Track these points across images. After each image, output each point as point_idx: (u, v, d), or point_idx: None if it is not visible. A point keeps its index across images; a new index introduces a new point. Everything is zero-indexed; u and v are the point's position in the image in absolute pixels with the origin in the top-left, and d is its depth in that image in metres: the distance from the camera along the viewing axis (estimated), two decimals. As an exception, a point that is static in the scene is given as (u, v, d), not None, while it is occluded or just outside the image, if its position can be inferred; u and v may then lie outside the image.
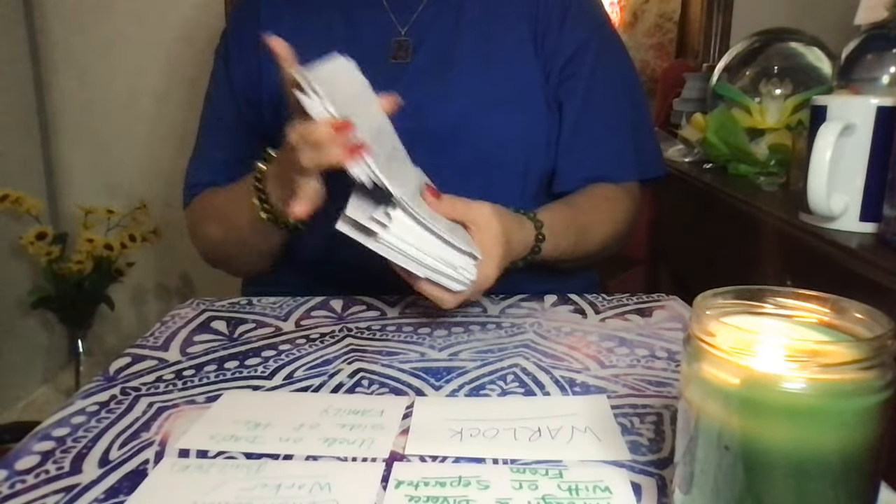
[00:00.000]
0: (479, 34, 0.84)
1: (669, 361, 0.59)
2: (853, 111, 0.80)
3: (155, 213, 1.93)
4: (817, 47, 1.29)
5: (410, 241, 0.59)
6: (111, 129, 2.01)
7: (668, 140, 1.50)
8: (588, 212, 0.81)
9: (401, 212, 0.58)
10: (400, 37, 0.84)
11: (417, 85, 0.81)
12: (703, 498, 0.33)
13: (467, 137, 0.80)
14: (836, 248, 0.78)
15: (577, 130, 0.84)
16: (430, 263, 0.60)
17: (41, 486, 0.42)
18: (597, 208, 0.82)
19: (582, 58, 0.84)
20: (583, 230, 0.79)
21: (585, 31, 0.85)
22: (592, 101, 0.84)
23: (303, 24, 0.86)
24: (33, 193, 1.80)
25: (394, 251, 0.59)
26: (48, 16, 1.94)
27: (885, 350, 0.30)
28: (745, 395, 0.31)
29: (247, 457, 0.45)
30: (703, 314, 0.33)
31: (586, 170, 0.84)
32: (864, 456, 0.31)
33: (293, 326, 0.68)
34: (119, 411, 0.51)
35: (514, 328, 0.67)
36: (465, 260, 0.61)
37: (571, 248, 0.77)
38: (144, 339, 0.65)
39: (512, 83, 0.83)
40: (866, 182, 0.80)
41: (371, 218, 0.59)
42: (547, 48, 0.84)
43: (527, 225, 0.71)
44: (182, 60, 1.96)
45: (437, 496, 0.40)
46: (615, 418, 0.49)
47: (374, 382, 0.56)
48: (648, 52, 2.51)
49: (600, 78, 0.85)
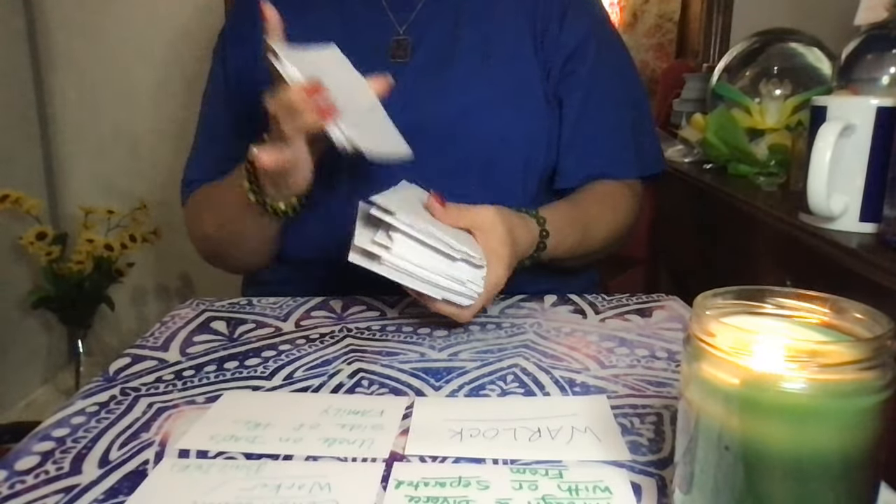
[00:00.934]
0: (478, 33, 0.84)
1: (669, 361, 0.59)
2: (853, 111, 0.80)
3: (155, 214, 1.93)
4: (817, 47, 1.29)
5: (415, 261, 0.59)
6: (111, 129, 2.01)
7: (668, 140, 1.50)
8: (591, 209, 0.81)
9: (401, 233, 0.59)
10: (399, 36, 0.84)
11: (416, 84, 0.81)
12: (703, 498, 0.33)
13: (467, 136, 0.81)
14: (836, 249, 0.78)
15: (577, 127, 0.84)
16: (438, 281, 0.60)
17: (41, 487, 0.42)
18: (599, 205, 0.82)
19: (582, 55, 0.84)
20: (586, 227, 0.79)
21: (585, 28, 0.85)
22: (593, 97, 0.84)
23: (301, 23, 0.86)
24: (33, 193, 1.80)
25: (400, 272, 0.59)
26: (48, 16, 1.94)
27: (885, 350, 0.30)
28: (744, 395, 0.31)
29: (247, 457, 0.45)
30: (703, 314, 0.33)
31: (588, 167, 0.84)
32: (864, 456, 0.31)
33: (293, 327, 0.68)
34: (119, 412, 0.51)
35: (514, 328, 0.67)
36: (473, 273, 0.62)
37: (576, 245, 0.78)
38: (144, 339, 0.65)
39: (511, 81, 0.83)
40: (866, 182, 0.80)
41: (373, 242, 0.59)
42: (547, 45, 0.84)
43: (530, 223, 0.71)
44: (182, 60, 1.96)
45: (437, 496, 0.40)
46: (615, 418, 0.49)
47: (374, 383, 0.56)
48: (648, 52, 2.51)
49: (601, 75, 0.85)
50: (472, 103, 0.81)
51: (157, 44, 1.96)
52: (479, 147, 0.81)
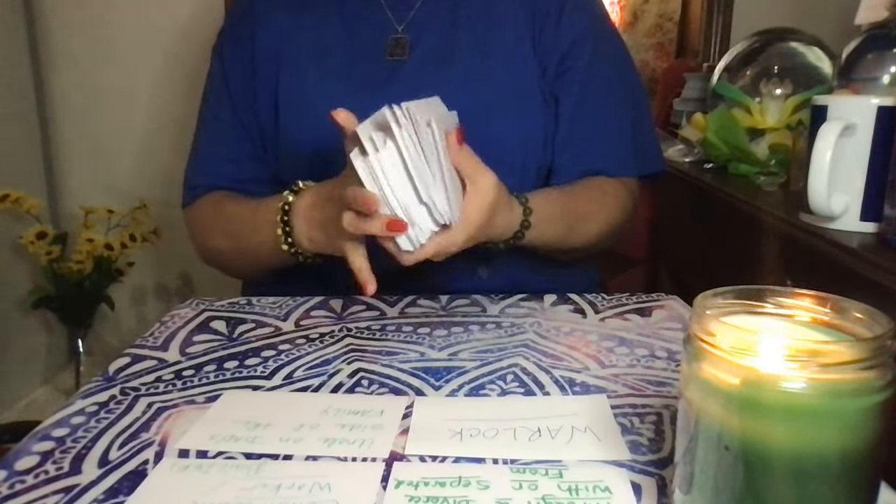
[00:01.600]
0: (476, 31, 0.84)
1: (669, 361, 0.59)
2: (853, 111, 0.80)
3: (155, 213, 1.93)
4: (817, 47, 1.29)
5: (389, 177, 0.58)
6: (111, 129, 2.01)
7: (668, 140, 1.50)
8: (584, 203, 0.81)
9: (394, 147, 0.58)
10: (397, 34, 0.85)
11: (414, 82, 0.81)
12: (703, 498, 0.33)
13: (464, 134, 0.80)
14: (836, 248, 0.78)
15: (574, 125, 0.84)
16: (395, 209, 0.59)
17: (41, 487, 0.42)
18: (593, 200, 0.82)
19: (579, 52, 0.84)
20: (576, 221, 0.79)
21: (582, 26, 0.85)
22: (590, 95, 0.84)
23: (299, 21, 0.86)
24: (33, 193, 1.80)
25: (370, 177, 0.58)
26: (48, 16, 1.94)
27: (885, 350, 0.30)
28: (745, 395, 0.31)
29: (247, 457, 0.45)
30: (703, 314, 0.33)
31: (584, 164, 0.84)
32: (864, 456, 0.31)
33: (293, 326, 0.68)
34: (119, 411, 0.51)
35: (514, 328, 0.67)
36: (427, 223, 0.60)
37: (561, 237, 0.77)
38: (144, 339, 0.65)
39: (509, 81, 0.83)
40: (866, 182, 0.80)
41: (370, 138, 0.58)
42: (544, 43, 0.84)
43: (516, 210, 0.71)
44: (182, 60, 1.96)
45: (437, 496, 0.40)
46: (615, 418, 0.49)
47: (374, 382, 0.56)
48: (648, 52, 2.51)
49: (598, 73, 0.85)
50: (469, 102, 0.81)
51: (158, 43, 1.96)
52: (476, 145, 0.81)
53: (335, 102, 0.83)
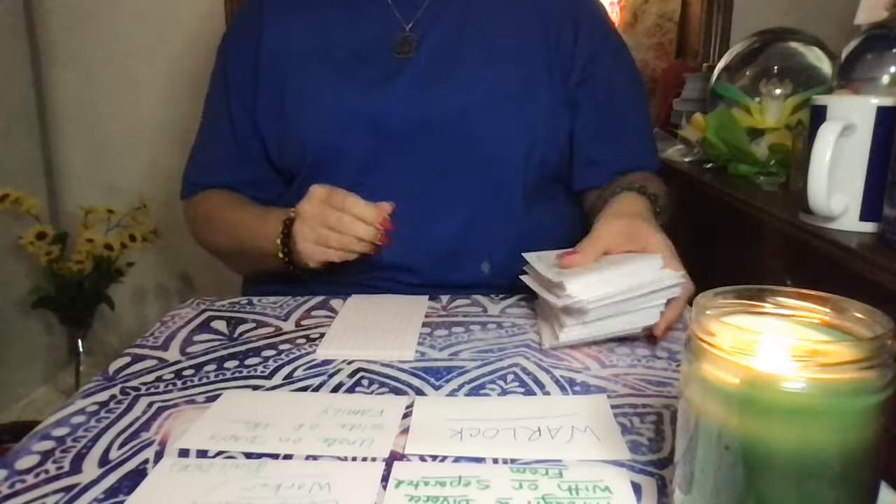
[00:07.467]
0: (484, 31, 0.85)
1: (669, 361, 0.59)
2: (853, 111, 0.80)
3: (155, 213, 1.93)
4: (817, 47, 1.29)
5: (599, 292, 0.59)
6: (111, 129, 2.01)
7: (668, 140, 1.50)
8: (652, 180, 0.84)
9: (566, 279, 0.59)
10: (404, 33, 0.85)
11: (420, 80, 0.82)
12: (703, 498, 0.33)
13: (468, 132, 0.82)
14: (836, 248, 0.78)
15: (602, 127, 0.87)
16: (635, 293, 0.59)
17: (41, 486, 0.42)
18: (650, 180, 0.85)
19: (601, 60, 0.88)
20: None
21: (599, 35, 0.89)
22: (613, 99, 0.87)
23: (306, 20, 0.87)
24: (33, 193, 1.80)
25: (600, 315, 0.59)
26: (48, 15, 1.94)
27: (885, 350, 0.30)
28: (745, 395, 0.31)
29: (247, 457, 0.45)
30: (703, 314, 0.33)
31: (615, 164, 0.87)
32: (864, 456, 0.31)
33: (293, 326, 0.68)
34: (119, 411, 0.51)
35: (515, 328, 0.67)
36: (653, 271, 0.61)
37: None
38: (144, 339, 0.65)
39: (514, 80, 0.84)
40: (866, 182, 0.80)
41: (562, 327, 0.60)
42: (562, 54, 0.87)
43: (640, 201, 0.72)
44: (183, 60, 1.95)
45: (437, 496, 0.40)
46: (615, 418, 0.49)
47: (374, 382, 0.56)
48: (648, 52, 2.51)
49: (617, 79, 0.89)
50: (474, 101, 0.82)
51: (158, 43, 1.95)
52: (480, 143, 0.82)
53: (342, 99, 0.84)
